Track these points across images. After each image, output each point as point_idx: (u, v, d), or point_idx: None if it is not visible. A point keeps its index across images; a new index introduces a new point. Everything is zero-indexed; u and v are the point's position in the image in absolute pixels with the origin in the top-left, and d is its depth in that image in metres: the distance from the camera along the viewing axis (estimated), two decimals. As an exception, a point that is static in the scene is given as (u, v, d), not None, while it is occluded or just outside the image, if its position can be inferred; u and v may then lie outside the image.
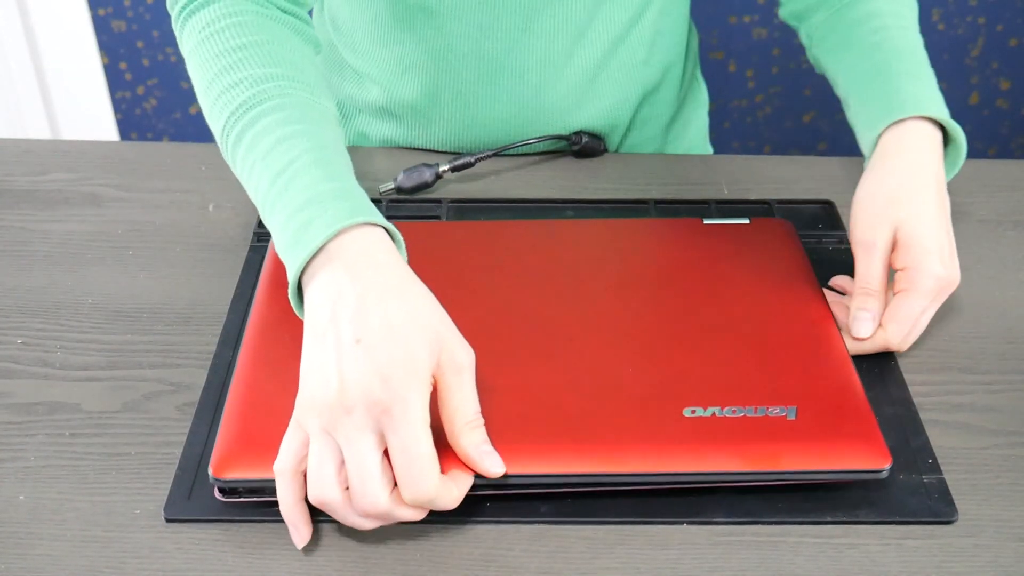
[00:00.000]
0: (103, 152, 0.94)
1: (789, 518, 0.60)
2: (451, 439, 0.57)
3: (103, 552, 0.58)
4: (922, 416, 0.67)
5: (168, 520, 0.60)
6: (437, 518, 0.59)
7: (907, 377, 0.69)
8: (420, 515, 0.57)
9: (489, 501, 0.60)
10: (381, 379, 0.54)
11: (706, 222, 0.78)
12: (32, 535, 0.59)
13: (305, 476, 0.57)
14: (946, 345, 0.73)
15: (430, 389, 0.56)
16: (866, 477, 0.60)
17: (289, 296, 0.61)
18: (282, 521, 0.59)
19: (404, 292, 0.58)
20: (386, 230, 0.61)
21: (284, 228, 0.61)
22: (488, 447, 0.58)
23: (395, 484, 0.56)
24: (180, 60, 1.51)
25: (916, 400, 0.68)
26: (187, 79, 1.53)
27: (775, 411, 0.62)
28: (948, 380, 0.70)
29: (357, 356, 0.55)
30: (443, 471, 0.57)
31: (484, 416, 0.58)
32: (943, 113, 0.74)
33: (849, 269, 0.74)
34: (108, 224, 0.84)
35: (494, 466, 0.58)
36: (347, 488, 0.56)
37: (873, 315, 0.69)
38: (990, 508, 0.61)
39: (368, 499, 0.55)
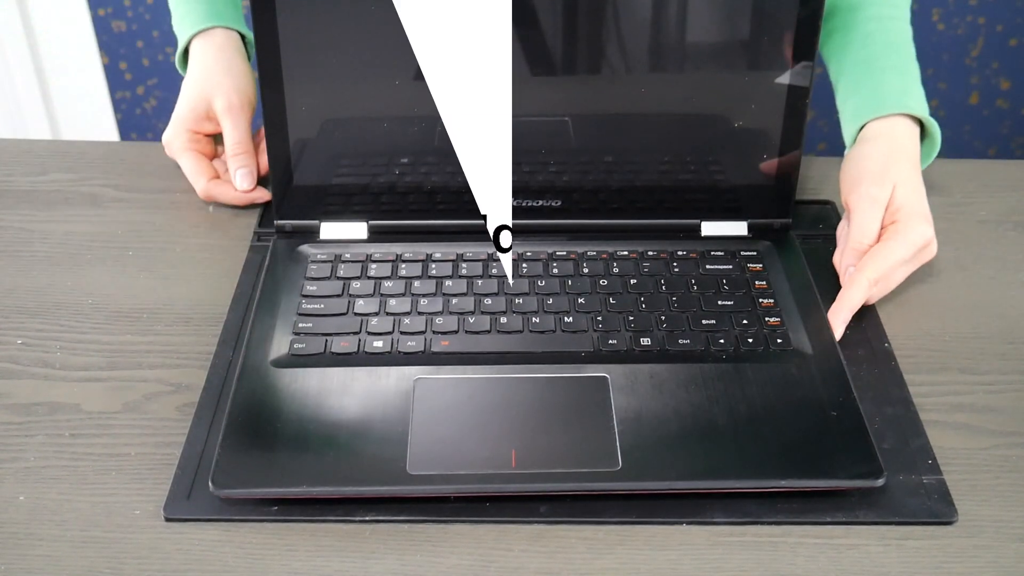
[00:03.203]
0: (103, 152, 0.94)
1: (789, 518, 0.60)
2: (227, 160, 0.84)
3: (103, 552, 0.58)
4: (922, 416, 0.67)
5: (168, 520, 0.60)
6: (437, 518, 0.60)
7: (907, 377, 0.69)
8: (229, 195, 0.84)
9: (489, 501, 0.60)
10: (167, 130, 0.86)
11: (704, 233, 0.78)
12: (32, 535, 0.59)
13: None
14: (946, 345, 0.73)
15: (200, 128, 0.85)
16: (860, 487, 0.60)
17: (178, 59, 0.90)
18: (282, 521, 0.59)
19: (205, 62, 0.86)
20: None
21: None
22: (245, 169, 0.83)
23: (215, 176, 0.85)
24: (180, 60, 1.51)
25: (916, 400, 0.68)
26: (187, 79, 1.53)
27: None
28: (948, 380, 0.70)
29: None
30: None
31: None
32: (923, 110, 0.79)
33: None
34: (108, 224, 0.84)
35: (243, 182, 0.83)
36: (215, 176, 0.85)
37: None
38: (990, 508, 0.61)
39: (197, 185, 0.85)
